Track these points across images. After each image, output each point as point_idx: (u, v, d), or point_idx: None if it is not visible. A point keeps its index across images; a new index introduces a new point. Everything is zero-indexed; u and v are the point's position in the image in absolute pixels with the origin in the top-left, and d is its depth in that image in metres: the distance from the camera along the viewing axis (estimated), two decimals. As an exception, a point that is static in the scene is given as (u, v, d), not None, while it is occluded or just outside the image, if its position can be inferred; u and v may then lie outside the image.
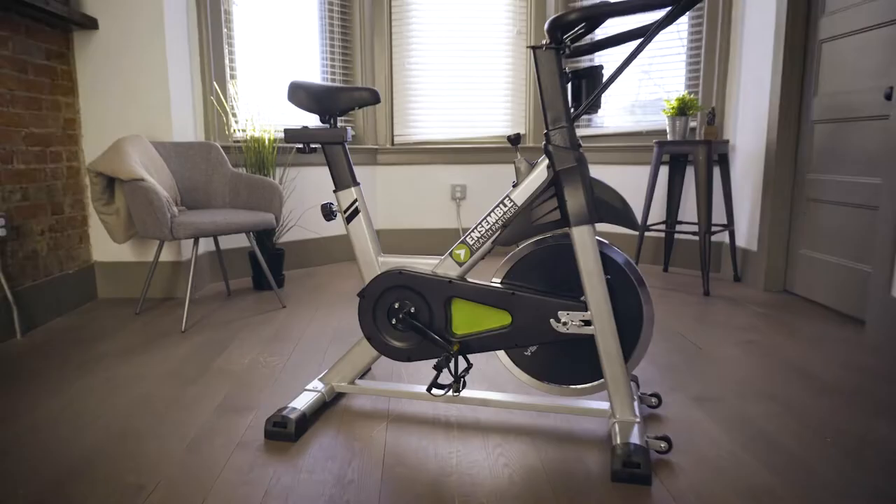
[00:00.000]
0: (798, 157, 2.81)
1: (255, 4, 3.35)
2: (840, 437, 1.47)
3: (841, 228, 2.52)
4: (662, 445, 1.37)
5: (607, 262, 1.46)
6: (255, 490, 1.26)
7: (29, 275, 2.40)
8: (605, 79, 1.43)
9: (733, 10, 3.16)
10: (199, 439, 1.49)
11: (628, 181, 3.61)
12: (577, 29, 1.36)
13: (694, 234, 2.89)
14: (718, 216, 3.30)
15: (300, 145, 1.59)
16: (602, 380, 1.51)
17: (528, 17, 3.92)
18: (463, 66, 3.96)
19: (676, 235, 3.45)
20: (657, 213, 3.53)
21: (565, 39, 1.39)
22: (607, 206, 1.42)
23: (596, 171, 3.73)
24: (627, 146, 3.55)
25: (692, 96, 3.05)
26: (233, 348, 2.17)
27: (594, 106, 1.47)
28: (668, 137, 3.05)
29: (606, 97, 3.74)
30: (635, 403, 1.44)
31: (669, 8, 1.25)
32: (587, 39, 3.39)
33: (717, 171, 3.26)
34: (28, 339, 2.28)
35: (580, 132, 3.90)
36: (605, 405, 1.52)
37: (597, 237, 1.43)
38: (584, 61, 3.74)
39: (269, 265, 3.04)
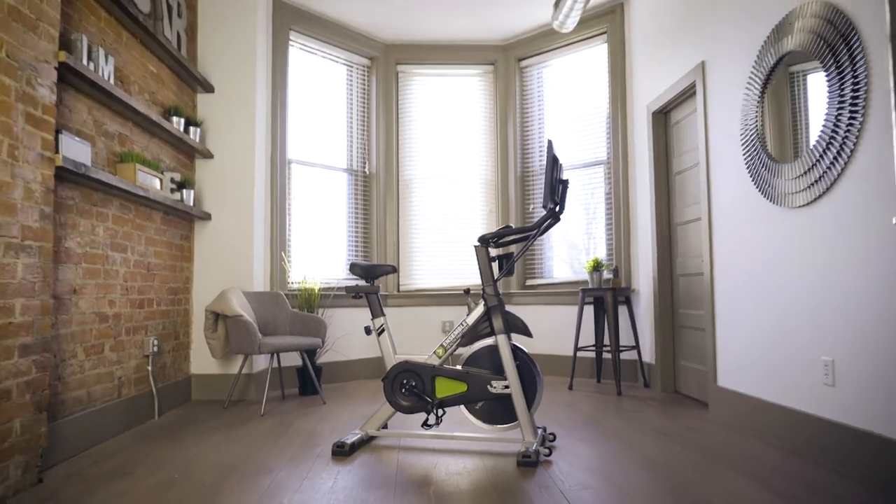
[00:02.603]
0: (673, 298, 4.18)
1: (306, 196, 4.91)
2: (655, 453, 2.68)
3: (694, 344, 3.81)
4: (546, 451, 2.58)
5: (517, 356, 2.75)
6: (332, 473, 2.45)
7: (161, 378, 3.66)
8: (513, 257, 2.82)
9: (630, 201, 4.71)
10: (294, 457, 2.68)
11: (568, 315, 4.94)
12: (494, 239, 2.78)
13: (608, 352, 4.16)
14: (630, 340, 4.59)
15: (353, 294, 2.94)
16: (518, 420, 2.73)
17: (497, 200, 5.51)
18: (450, 234, 5.47)
19: (603, 355, 4.72)
20: (589, 339, 4.82)
21: (490, 242, 2.80)
22: (514, 325, 2.75)
23: (546, 309, 5.08)
24: (569, 291, 4.93)
25: (603, 258, 4.48)
26: (297, 423, 3.37)
27: (509, 272, 2.85)
28: (589, 286, 4.44)
29: (558, 255, 5.20)
30: (537, 437, 2.65)
31: (534, 231, 2.68)
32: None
33: (627, 308, 4.61)
34: (162, 419, 3.49)
35: (537, 282, 5.30)
36: (520, 436, 2.73)
37: (512, 342, 2.73)
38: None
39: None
